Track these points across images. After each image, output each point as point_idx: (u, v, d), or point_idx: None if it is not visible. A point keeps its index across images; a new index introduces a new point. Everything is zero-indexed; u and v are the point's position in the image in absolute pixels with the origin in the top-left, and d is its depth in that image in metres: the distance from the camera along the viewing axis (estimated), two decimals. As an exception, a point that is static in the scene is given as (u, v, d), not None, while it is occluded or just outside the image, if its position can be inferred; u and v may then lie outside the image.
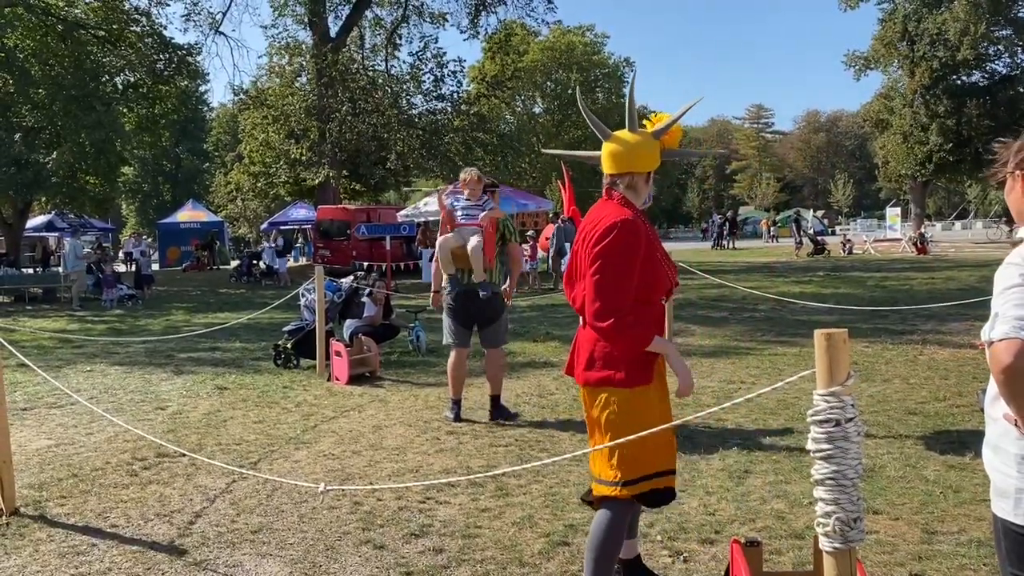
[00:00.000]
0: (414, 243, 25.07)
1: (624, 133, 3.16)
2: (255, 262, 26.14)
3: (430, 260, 23.01)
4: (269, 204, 47.59)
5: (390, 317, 9.93)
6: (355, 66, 27.24)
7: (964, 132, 35.38)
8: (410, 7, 28.22)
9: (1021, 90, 35.69)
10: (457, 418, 6.27)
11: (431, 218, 25.13)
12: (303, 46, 28.50)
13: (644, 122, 3.22)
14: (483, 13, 27.76)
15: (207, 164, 69.64)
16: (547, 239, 20.93)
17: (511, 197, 25.68)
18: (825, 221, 63.39)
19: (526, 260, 23.08)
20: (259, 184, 32.78)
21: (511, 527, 4.04)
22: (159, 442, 5.56)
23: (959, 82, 36.98)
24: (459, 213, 6.34)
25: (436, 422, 6.28)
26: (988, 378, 6.20)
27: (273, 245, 24.58)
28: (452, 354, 6.36)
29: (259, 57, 77.67)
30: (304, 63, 28.35)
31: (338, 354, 8.09)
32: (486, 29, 28.18)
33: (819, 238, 30.49)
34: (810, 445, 2.21)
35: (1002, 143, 2.08)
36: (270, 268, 24.87)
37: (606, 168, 3.15)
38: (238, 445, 5.83)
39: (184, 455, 5.39)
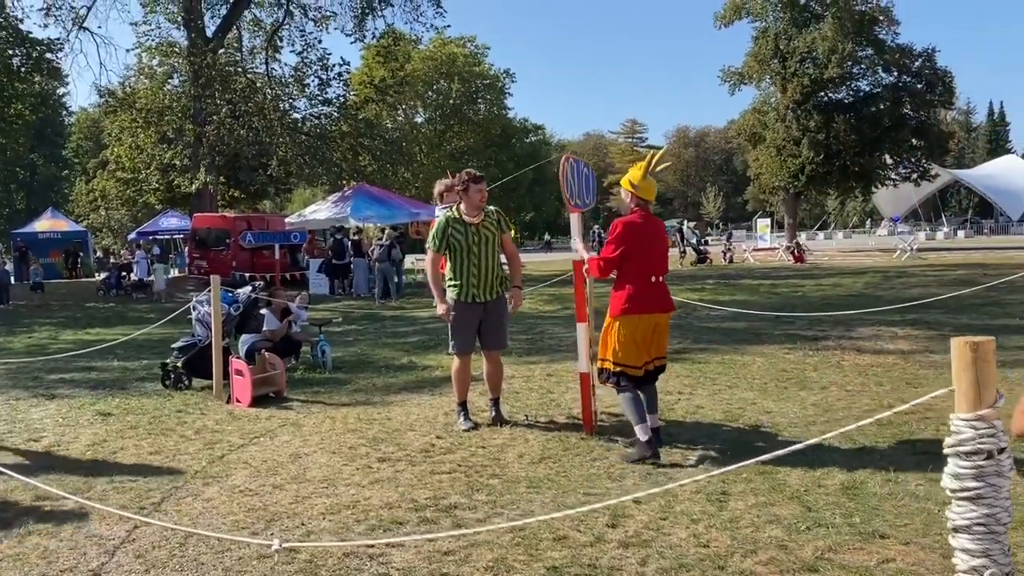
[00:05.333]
0: (299, 252, 23.93)
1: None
2: (124, 274, 24.42)
3: (318, 271, 22.22)
4: (136, 213, 44.95)
5: (290, 330, 9.16)
6: (235, 67, 25.90)
7: (833, 146, 37.08)
8: (293, 5, 27.07)
9: (882, 107, 37.68)
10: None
11: (318, 227, 24.17)
12: (176, 47, 26.88)
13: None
14: (370, 16, 26.94)
15: (66, 171, 65.43)
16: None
17: (403, 205, 25.00)
18: (697, 232, 65.37)
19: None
20: (128, 191, 30.70)
21: (485, 574, 3.48)
22: (35, 483, 4.69)
23: (827, 98, 38.78)
24: None
25: (362, 447, 5.63)
26: (921, 382, 5.89)
27: (147, 256, 22.97)
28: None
29: (128, 51, 73.19)
30: (177, 64, 26.76)
31: (239, 373, 7.29)
32: (373, 32, 27.37)
33: (702, 247, 31.13)
34: (948, 483, 1.79)
35: None
36: (141, 281, 23.25)
37: (652, 196, 5.42)
38: (134, 482, 5.01)
39: (68, 497, 4.55)
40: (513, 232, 6.41)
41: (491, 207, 6.13)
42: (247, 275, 21.05)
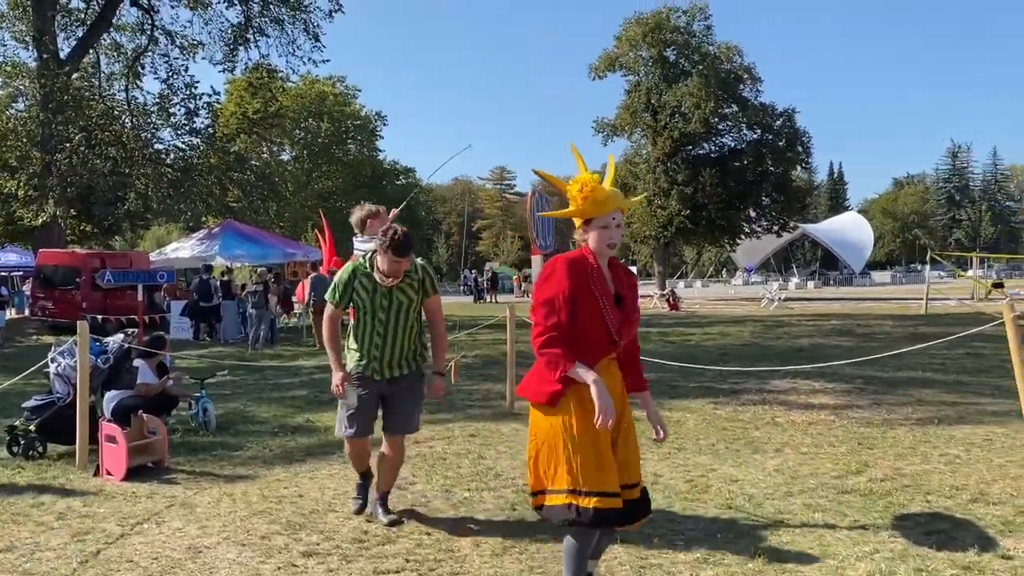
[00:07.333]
0: (158, 293, 22.02)
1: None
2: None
3: (181, 313, 20.46)
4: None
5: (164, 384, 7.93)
6: (91, 92, 23.89)
7: (700, 199, 38.16)
8: (157, 32, 25.37)
9: (746, 162, 39.21)
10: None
11: (182, 266, 22.44)
12: (23, 67, 24.58)
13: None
14: (243, 47, 25.59)
15: None
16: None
17: (276, 244, 23.62)
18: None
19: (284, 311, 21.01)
20: (-42, 223, 27.74)
21: None
22: None
23: (695, 153, 40.02)
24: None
25: (278, 536, 4.62)
26: (873, 443, 5.28)
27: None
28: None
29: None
30: (24, 87, 24.45)
31: (111, 439, 6.08)
32: (245, 64, 26.02)
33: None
34: None
35: None
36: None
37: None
38: (-20, 596, 3.84)
39: None
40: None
41: (418, 260, 4.85)
42: (99, 317, 19.20)
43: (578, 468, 3.17)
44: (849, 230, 66.97)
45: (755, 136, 39.93)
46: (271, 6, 25.61)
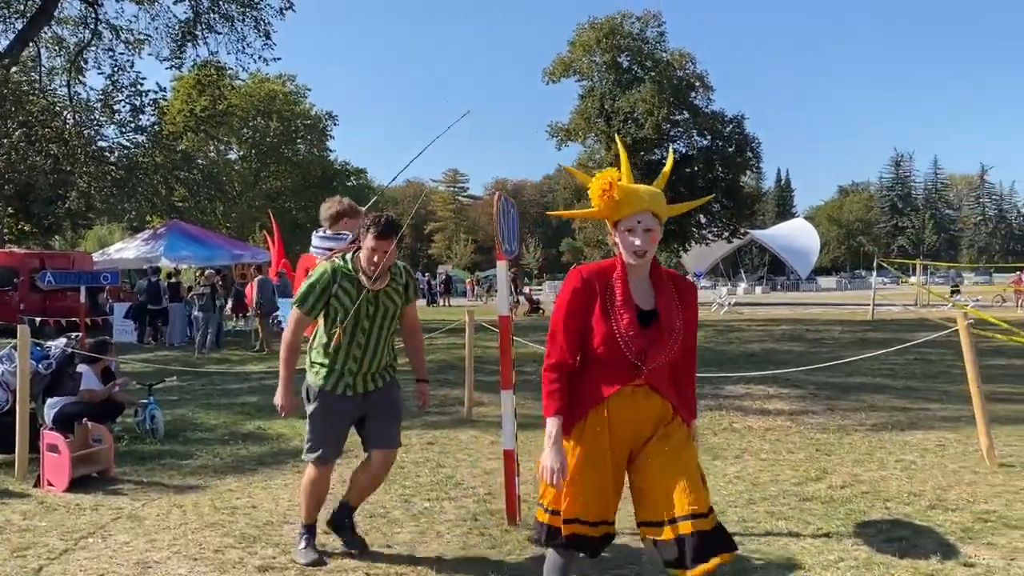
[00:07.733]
0: (101, 295, 21.40)
1: None
2: None
3: (124, 316, 19.92)
4: None
5: (113, 391, 7.66)
6: (32, 86, 23.16)
7: (652, 204, 38.44)
8: (102, 25, 24.70)
9: (697, 168, 39.65)
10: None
11: (127, 267, 21.87)
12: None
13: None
14: (191, 44, 25.03)
15: None
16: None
17: (223, 245, 23.15)
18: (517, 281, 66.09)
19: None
20: None
21: None
22: None
23: (647, 158, 40.31)
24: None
25: (231, 550, 4.45)
26: (832, 450, 5.32)
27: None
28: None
29: None
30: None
31: (53, 448, 5.82)
32: (194, 60, 25.44)
33: (535, 297, 31.13)
34: None
35: None
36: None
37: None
38: (-89, 619, 3.61)
39: None
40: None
41: (399, 262, 4.31)
42: (38, 320, 18.59)
43: (565, 491, 2.98)
44: (796, 236, 68.22)
45: (706, 143, 40.42)
46: (221, 2, 25.12)
